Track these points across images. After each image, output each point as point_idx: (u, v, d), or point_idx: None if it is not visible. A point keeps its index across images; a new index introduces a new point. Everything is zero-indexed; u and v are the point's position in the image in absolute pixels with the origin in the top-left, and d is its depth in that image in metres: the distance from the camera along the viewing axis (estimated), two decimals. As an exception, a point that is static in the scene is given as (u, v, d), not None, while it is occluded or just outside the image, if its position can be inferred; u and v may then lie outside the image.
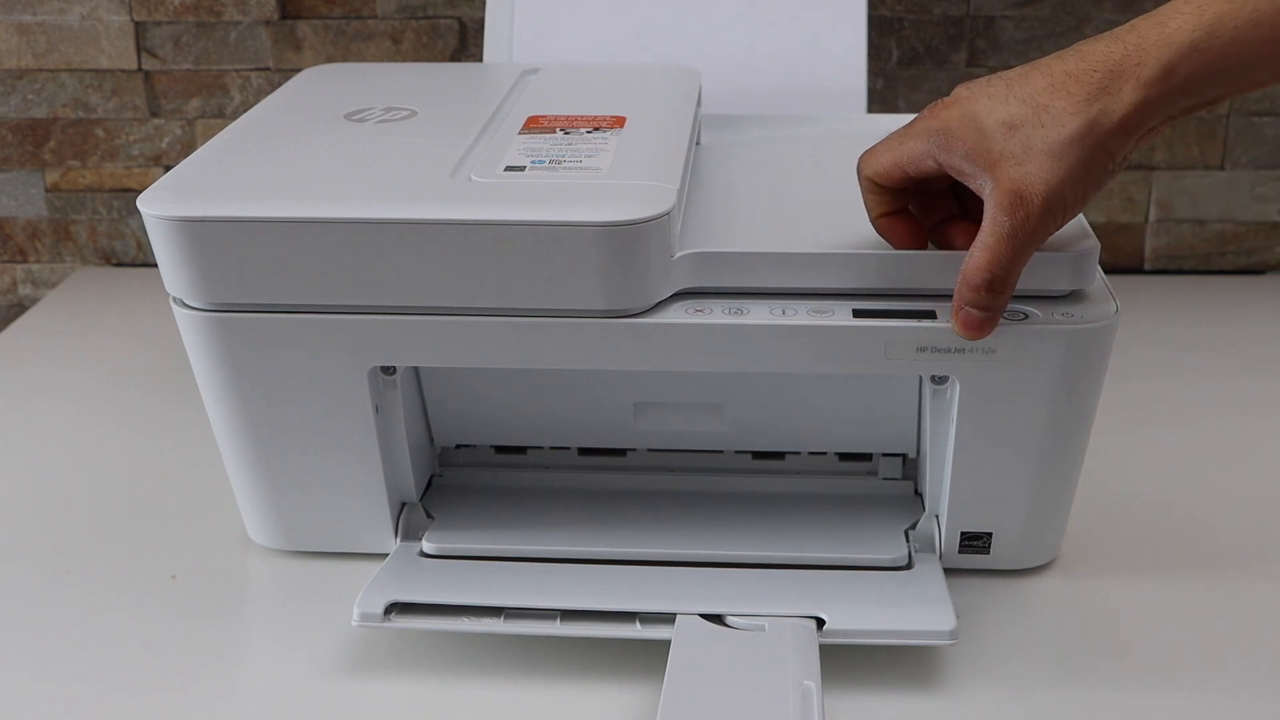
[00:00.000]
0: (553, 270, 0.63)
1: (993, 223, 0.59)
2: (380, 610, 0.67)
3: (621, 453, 0.79)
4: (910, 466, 0.78)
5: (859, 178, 0.66)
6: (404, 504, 0.75)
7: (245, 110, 0.91)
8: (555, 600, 0.68)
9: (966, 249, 0.64)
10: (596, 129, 0.73)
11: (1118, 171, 0.60)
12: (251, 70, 1.17)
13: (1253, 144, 1.16)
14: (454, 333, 0.66)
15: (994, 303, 0.61)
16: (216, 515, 0.80)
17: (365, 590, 0.68)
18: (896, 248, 0.66)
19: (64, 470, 0.87)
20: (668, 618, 0.66)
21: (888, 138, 0.64)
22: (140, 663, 0.68)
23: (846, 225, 0.70)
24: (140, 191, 0.66)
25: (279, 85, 0.91)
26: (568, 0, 0.96)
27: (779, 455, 0.79)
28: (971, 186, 0.61)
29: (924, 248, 0.66)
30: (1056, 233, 0.67)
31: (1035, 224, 0.59)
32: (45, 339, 1.08)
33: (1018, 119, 0.59)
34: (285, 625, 0.71)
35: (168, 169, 1.11)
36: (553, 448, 0.80)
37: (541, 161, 0.69)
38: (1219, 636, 0.69)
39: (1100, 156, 0.59)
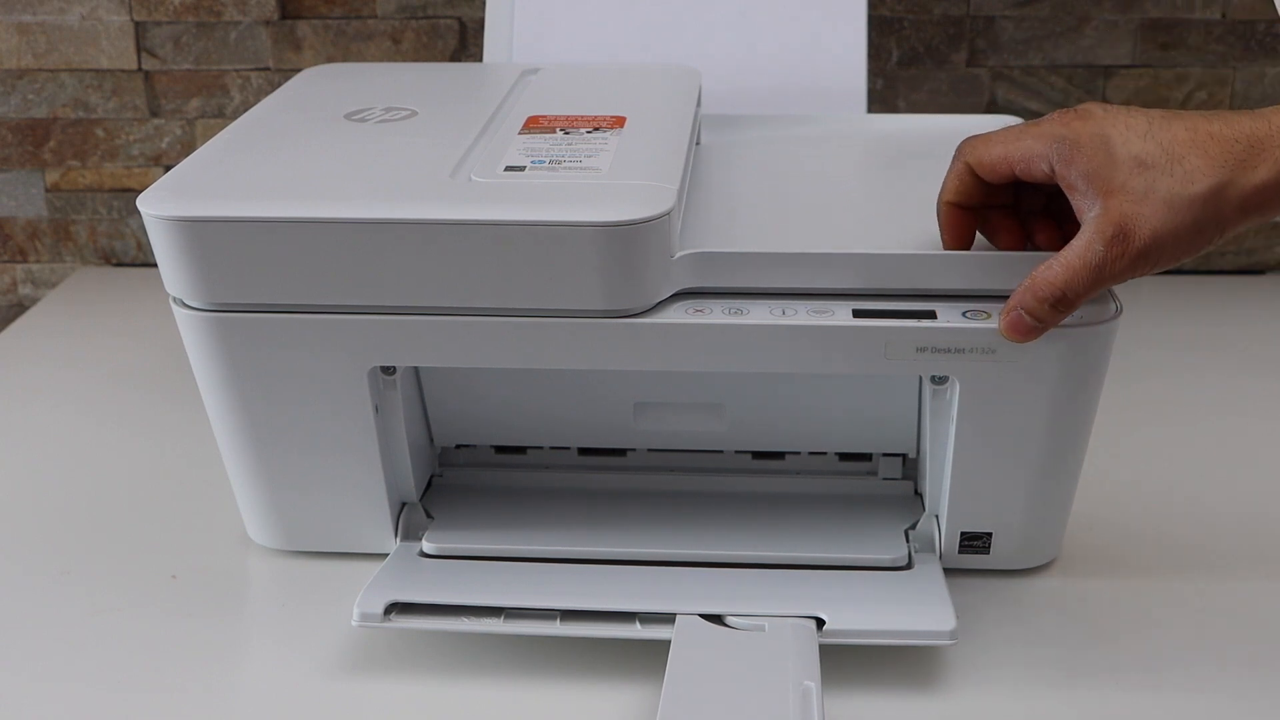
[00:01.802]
0: (553, 270, 0.63)
1: (1086, 247, 0.59)
2: (380, 610, 0.67)
3: (621, 453, 0.79)
4: (910, 466, 0.78)
5: (954, 161, 0.65)
6: (404, 504, 0.75)
7: (245, 110, 0.91)
8: (555, 600, 0.68)
9: (1008, 249, 0.64)
10: (596, 129, 0.73)
11: (1215, 244, 0.60)
12: (251, 70, 1.17)
13: (1253, 144, 1.16)
14: (454, 333, 0.66)
15: (1051, 318, 0.61)
16: (216, 515, 0.80)
17: (365, 590, 0.68)
18: (947, 240, 0.65)
19: (64, 470, 0.87)
20: (668, 618, 0.66)
21: (1002, 131, 0.63)
22: (140, 663, 0.68)
23: (846, 225, 0.70)
24: (140, 191, 0.66)
25: (279, 85, 0.91)
26: (568, 0, 0.96)
27: (779, 455, 0.79)
28: (1075, 203, 0.60)
29: (968, 248, 0.65)
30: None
31: (1125, 264, 0.58)
32: (45, 339, 1.08)
33: (1150, 159, 0.58)
34: (285, 625, 0.71)
35: (168, 169, 1.11)
36: (553, 448, 0.80)
37: (541, 161, 0.69)
38: (1219, 636, 0.69)
39: (1212, 225, 0.58)
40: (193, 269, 0.65)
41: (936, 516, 0.73)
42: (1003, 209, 0.66)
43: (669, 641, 0.65)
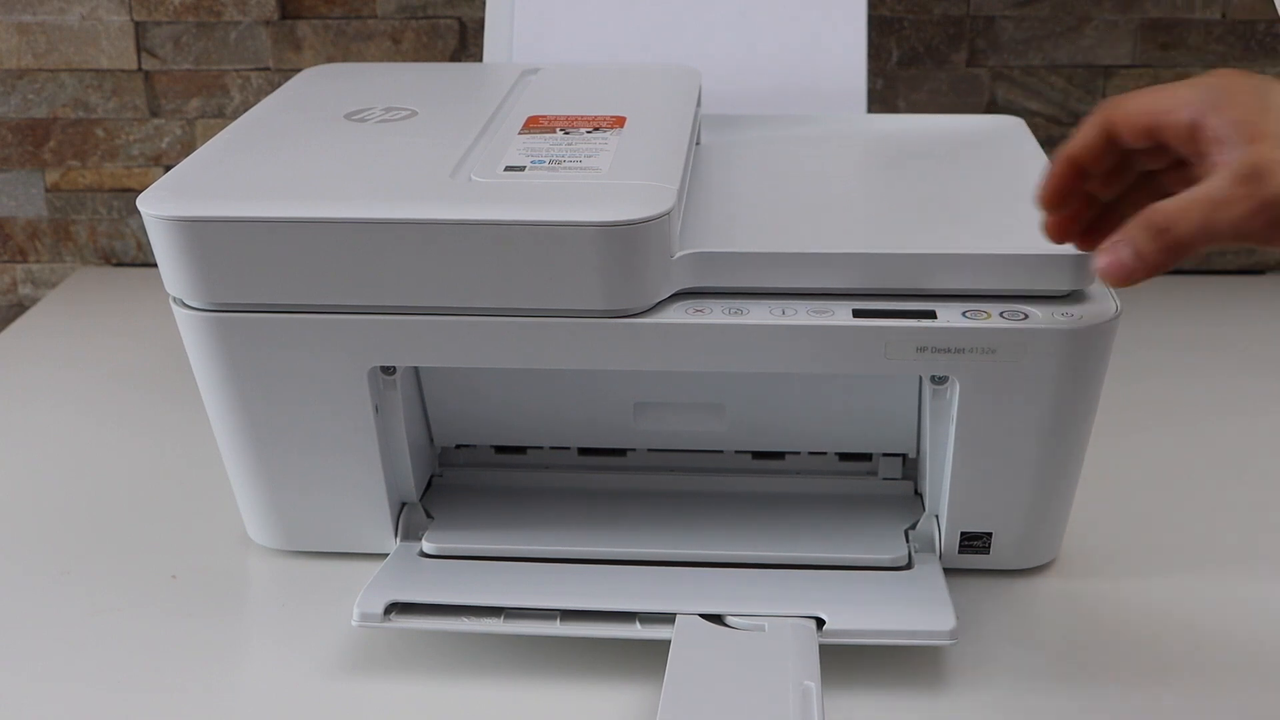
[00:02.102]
0: (553, 270, 0.63)
1: (1210, 183, 0.54)
2: (380, 610, 0.67)
3: (621, 453, 0.79)
4: (910, 466, 0.78)
5: (1089, 118, 0.60)
6: (404, 504, 0.75)
7: (245, 110, 0.91)
8: (555, 600, 0.68)
9: (1057, 239, 0.62)
10: (596, 129, 0.73)
11: None
12: (251, 70, 1.17)
13: (1253, 144, 1.16)
14: (454, 333, 0.66)
15: (1152, 255, 0.55)
16: (216, 515, 0.80)
17: (365, 590, 0.68)
18: (1046, 192, 0.61)
19: (64, 470, 0.87)
20: (668, 618, 0.66)
21: (1150, 88, 0.59)
22: (140, 663, 0.68)
23: (846, 225, 0.70)
24: (140, 191, 0.66)
25: (279, 85, 0.91)
26: (568, 0, 0.96)
27: (779, 455, 0.79)
28: (1214, 155, 0.55)
29: (1060, 209, 0.61)
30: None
31: (1246, 208, 0.53)
32: (45, 339, 1.08)
33: None
34: (285, 625, 0.71)
35: (168, 169, 1.11)
36: (553, 448, 0.80)
37: (541, 161, 0.69)
38: (1219, 636, 0.69)
39: None
40: (193, 269, 0.65)
41: (936, 516, 0.73)
42: (1086, 199, 0.62)
43: (669, 641, 0.65)
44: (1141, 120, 0.58)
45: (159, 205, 0.64)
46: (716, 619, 0.66)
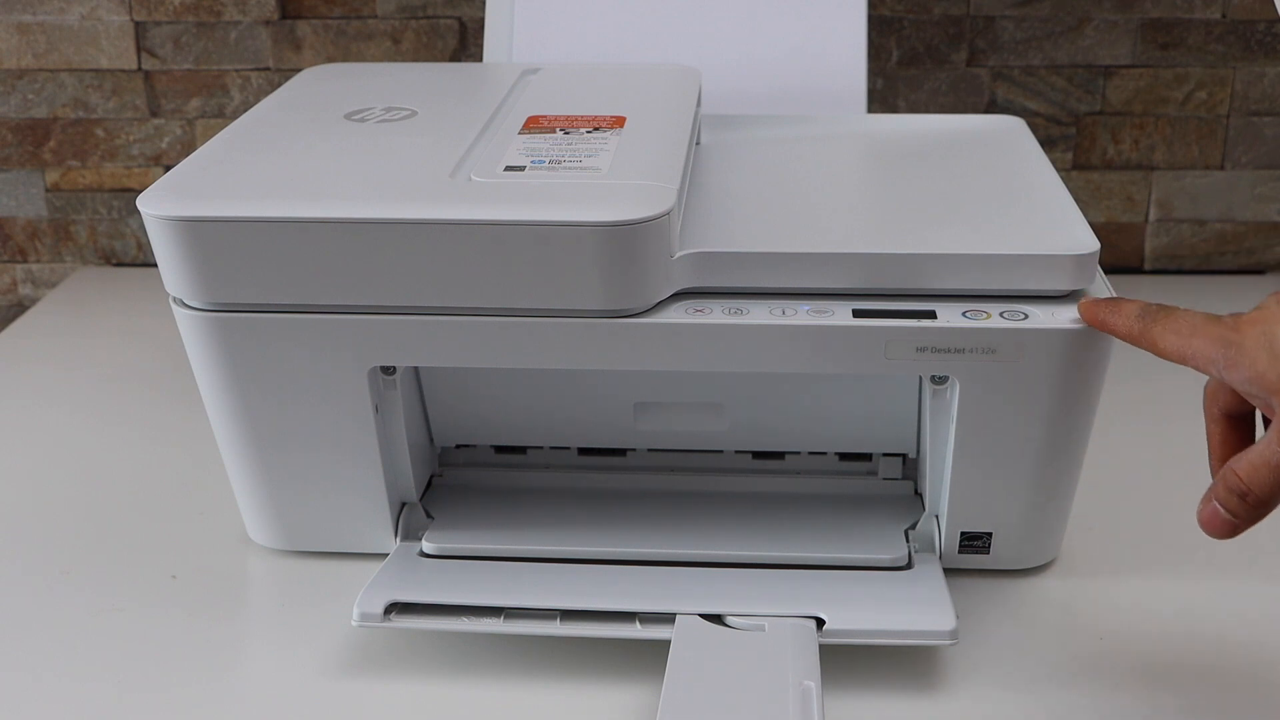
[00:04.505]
0: (553, 270, 0.63)
1: (1267, 444, 0.55)
2: (380, 610, 0.67)
3: (621, 453, 0.79)
4: (910, 466, 0.78)
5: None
6: (404, 504, 0.75)
7: (245, 110, 0.91)
8: (555, 600, 0.68)
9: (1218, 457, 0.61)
10: (596, 129, 0.73)
11: None
12: (251, 70, 1.17)
13: (1253, 144, 1.16)
14: (454, 333, 0.66)
15: (1242, 513, 0.57)
16: (216, 515, 0.80)
17: (365, 590, 0.68)
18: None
19: (64, 470, 0.87)
20: (668, 618, 0.66)
21: (1188, 317, 0.60)
22: (140, 663, 0.68)
23: (846, 225, 0.70)
24: (140, 191, 0.66)
25: (279, 85, 0.91)
26: (567, 0, 0.96)
27: (779, 455, 0.79)
28: (1260, 407, 0.57)
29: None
30: (1055, 233, 0.68)
31: None
32: (45, 339, 1.08)
33: None
34: (285, 625, 0.71)
35: (168, 169, 1.11)
36: (553, 448, 0.80)
37: (541, 161, 0.69)
38: (1218, 637, 0.69)
39: None
40: (193, 269, 0.65)
41: (936, 516, 0.73)
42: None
43: (669, 641, 0.65)
44: (1174, 358, 0.60)
45: (159, 205, 0.64)
46: (716, 619, 0.66)
